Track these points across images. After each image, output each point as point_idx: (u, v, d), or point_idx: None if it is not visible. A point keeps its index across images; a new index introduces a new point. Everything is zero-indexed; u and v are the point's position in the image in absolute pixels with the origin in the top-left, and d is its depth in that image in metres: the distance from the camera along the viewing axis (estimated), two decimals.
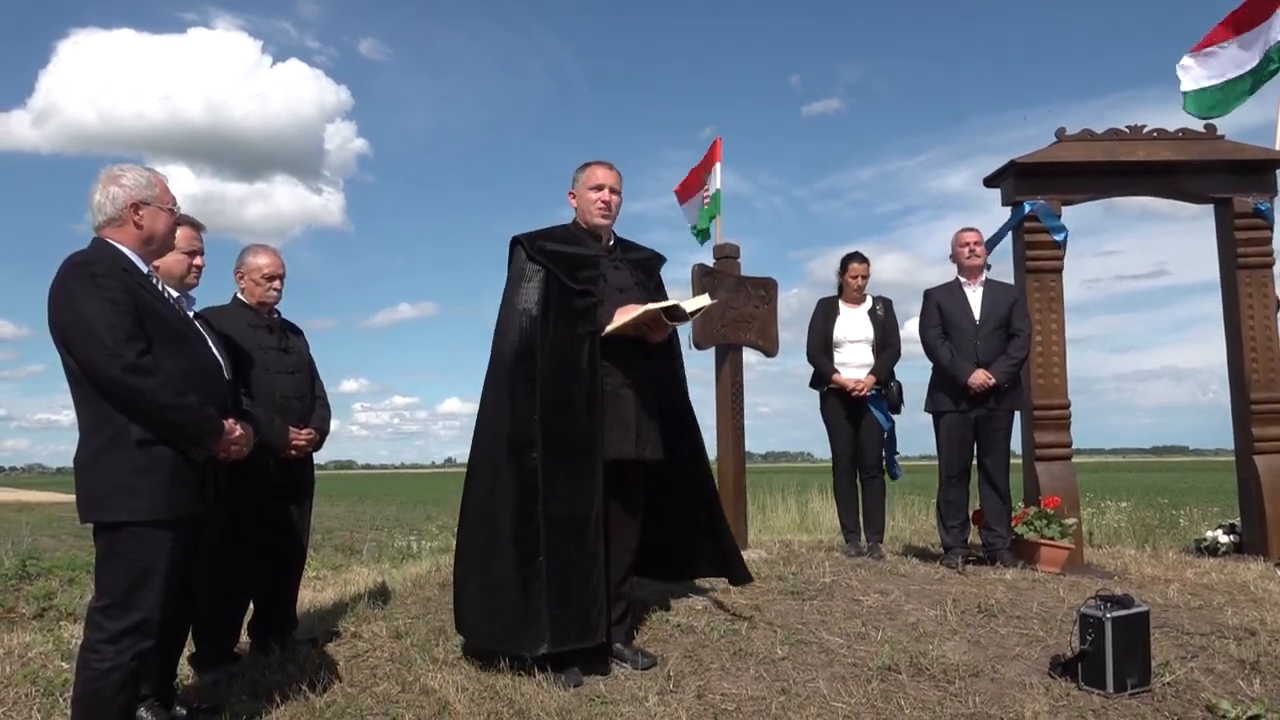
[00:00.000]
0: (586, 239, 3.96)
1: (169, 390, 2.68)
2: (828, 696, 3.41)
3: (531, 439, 3.67)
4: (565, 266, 3.82)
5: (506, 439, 3.74)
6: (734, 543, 4.42)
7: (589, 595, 3.59)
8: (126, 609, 2.68)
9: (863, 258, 6.29)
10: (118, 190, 2.86)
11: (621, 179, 3.98)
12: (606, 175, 3.92)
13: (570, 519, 3.62)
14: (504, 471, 3.72)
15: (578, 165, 4.02)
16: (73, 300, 2.68)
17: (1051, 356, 6.34)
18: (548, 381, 3.69)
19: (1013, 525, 5.92)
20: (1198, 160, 6.52)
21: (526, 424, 3.69)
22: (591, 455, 3.66)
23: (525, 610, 3.57)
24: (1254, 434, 6.50)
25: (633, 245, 4.16)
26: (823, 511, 10.45)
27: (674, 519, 4.26)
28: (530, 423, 3.68)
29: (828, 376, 6.16)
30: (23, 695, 3.59)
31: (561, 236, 3.96)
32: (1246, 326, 6.56)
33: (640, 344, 3.82)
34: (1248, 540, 6.54)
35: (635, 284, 3.95)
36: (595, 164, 3.96)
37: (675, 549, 4.37)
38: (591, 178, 3.92)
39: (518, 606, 3.59)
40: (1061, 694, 3.45)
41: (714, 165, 7.20)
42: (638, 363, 3.84)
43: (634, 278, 3.98)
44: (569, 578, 3.59)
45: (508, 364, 3.78)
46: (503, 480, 3.71)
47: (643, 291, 3.94)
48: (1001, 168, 6.57)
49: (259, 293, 4.07)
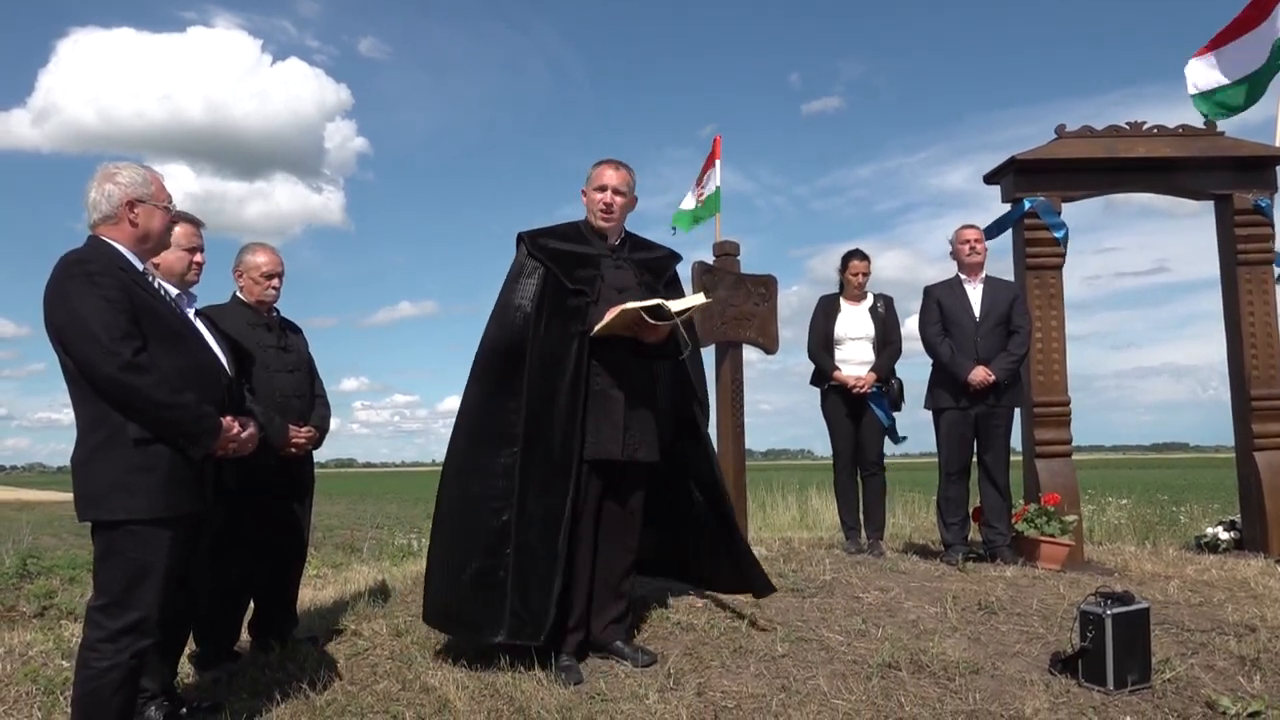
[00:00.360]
0: (591, 238, 3.95)
1: (165, 388, 2.67)
2: (828, 694, 3.41)
3: (513, 435, 3.68)
4: (564, 265, 3.82)
5: (487, 433, 3.75)
6: (751, 553, 4.33)
7: (547, 595, 3.59)
8: (125, 608, 2.68)
9: (863, 255, 6.29)
10: (113, 188, 2.85)
11: (632, 180, 3.93)
12: (612, 176, 3.89)
13: (540, 517, 3.63)
14: (482, 464, 3.74)
15: (592, 163, 3.99)
16: (68, 299, 2.67)
17: (1052, 353, 6.34)
18: (535, 379, 3.69)
19: (1013, 522, 5.91)
20: (1198, 157, 6.52)
21: (509, 420, 3.70)
22: (567, 455, 3.65)
23: (487, 598, 3.62)
24: (1254, 430, 6.51)
25: (645, 244, 4.12)
26: (823, 509, 10.45)
27: (686, 521, 4.25)
28: (513, 419, 3.69)
29: (828, 374, 6.16)
30: (23, 694, 3.59)
31: (565, 234, 3.95)
32: (1247, 323, 6.56)
33: (635, 344, 3.78)
34: (1248, 537, 6.55)
35: (638, 284, 3.92)
36: (605, 163, 3.93)
37: (688, 551, 4.36)
38: (598, 177, 3.89)
39: (480, 594, 3.64)
40: (1062, 691, 3.45)
41: (714, 163, 7.20)
42: (631, 363, 3.81)
43: (637, 278, 3.94)
44: (532, 574, 3.60)
45: (498, 358, 3.79)
46: (479, 473, 3.74)
47: (645, 291, 3.90)
48: (1002, 164, 6.57)
49: (258, 291, 4.07)
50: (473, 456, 3.79)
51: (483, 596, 3.64)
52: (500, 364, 3.77)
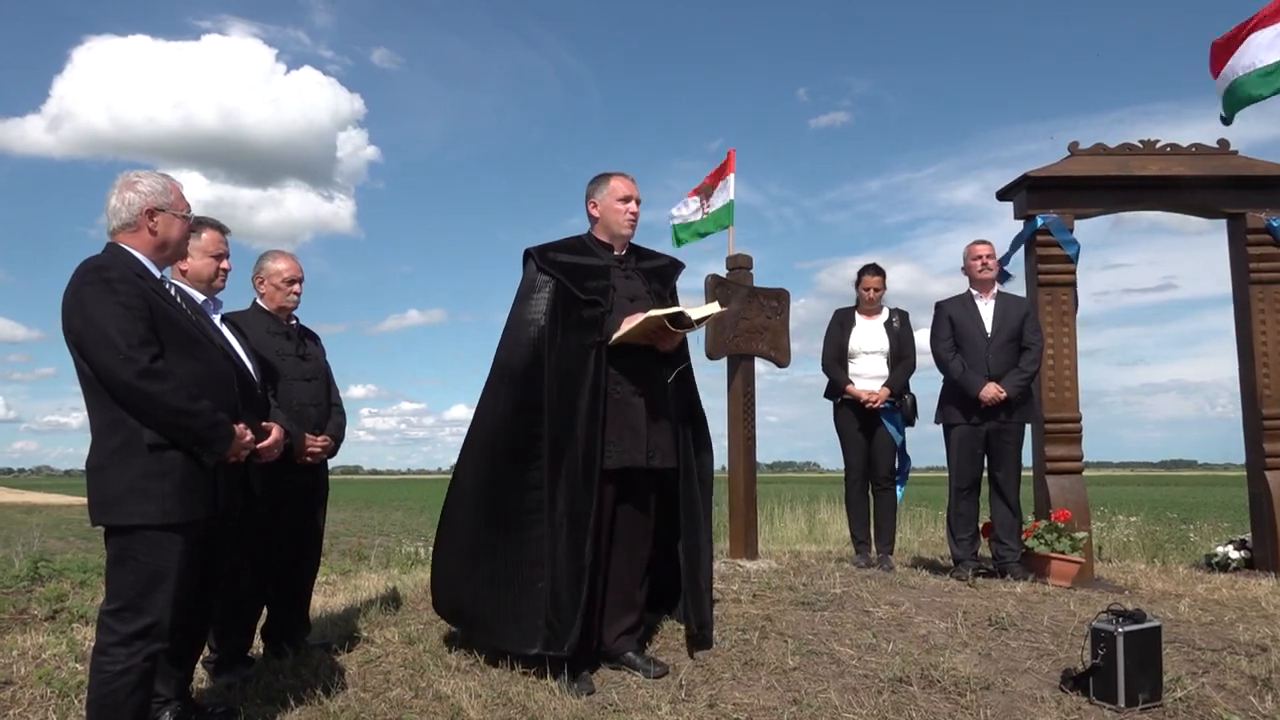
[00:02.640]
0: (599, 249, 3.98)
1: (182, 395, 2.70)
2: (839, 707, 3.42)
3: (538, 449, 3.70)
4: (575, 277, 3.84)
5: (508, 447, 3.76)
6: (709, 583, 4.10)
7: (574, 606, 3.60)
8: (138, 612, 2.70)
9: (877, 270, 6.30)
10: (133, 196, 2.88)
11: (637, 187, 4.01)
12: (632, 187, 3.95)
13: (569, 529, 3.64)
14: (510, 480, 3.74)
15: (592, 178, 4.02)
16: (86, 305, 2.70)
17: (1063, 370, 6.34)
18: (554, 391, 3.71)
19: (1023, 539, 5.91)
20: (1210, 175, 6.51)
21: (531, 434, 3.71)
22: (590, 465, 3.66)
23: (521, 611, 3.65)
24: (1265, 449, 6.49)
25: (648, 253, 4.16)
26: (831, 522, 10.43)
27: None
28: (536, 433, 3.70)
29: (842, 387, 6.17)
30: (38, 697, 3.61)
31: (572, 248, 3.97)
32: (1259, 342, 6.55)
33: (651, 351, 3.82)
34: (1259, 556, 6.52)
35: (648, 292, 3.96)
36: (617, 176, 3.97)
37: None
38: (618, 190, 3.93)
39: (514, 607, 3.67)
40: (1073, 708, 3.45)
41: (727, 176, 7.20)
42: (648, 370, 3.84)
43: (646, 286, 3.98)
44: (563, 587, 3.62)
45: (515, 373, 3.80)
46: (509, 488, 3.74)
47: (655, 300, 3.94)
48: (1014, 181, 6.59)
49: (279, 297, 4.10)
50: (498, 472, 3.79)
51: (515, 611, 3.65)
52: (518, 380, 3.79)
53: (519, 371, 3.79)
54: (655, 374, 3.87)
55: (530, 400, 3.74)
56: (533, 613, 3.63)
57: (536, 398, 3.72)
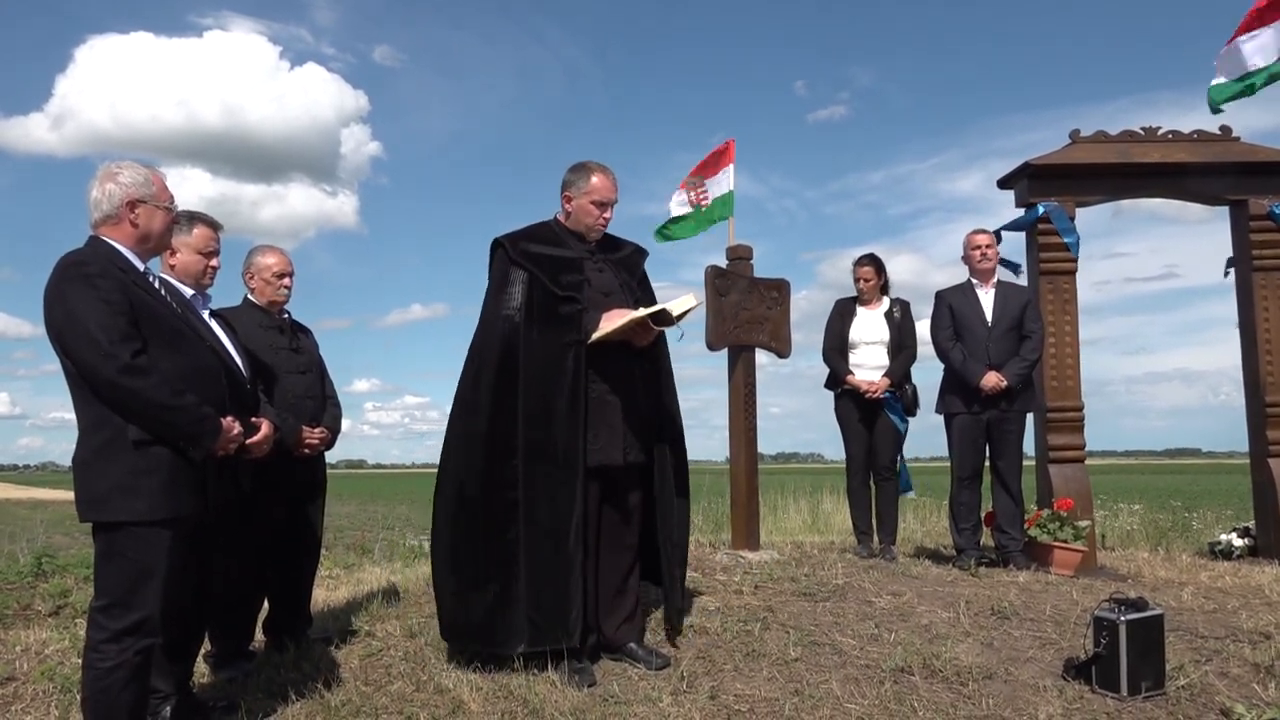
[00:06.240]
0: (569, 239, 3.90)
1: (165, 390, 2.67)
2: (841, 698, 3.41)
3: (512, 447, 3.65)
4: (549, 270, 3.77)
5: (485, 445, 3.70)
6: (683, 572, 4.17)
7: (566, 598, 3.59)
8: (127, 608, 2.68)
9: (870, 260, 6.29)
10: (114, 188, 2.83)
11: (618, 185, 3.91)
12: (611, 191, 3.86)
13: (550, 527, 3.61)
14: (482, 477, 3.70)
15: (573, 165, 3.90)
16: (67, 301, 2.66)
17: (1065, 359, 6.32)
18: (531, 388, 3.65)
19: (1025, 528, 5.90)
20: (1213, 162, 6.48)
21: (508, 431, 3.66)
22: (572, 464, 3.63)
23: (503, 611, 3.63)
24: (1269, 437, 6.47)
25: (614, 242, 4.08)
26: (834, 513, 10.43)
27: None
28: (512, 430, 3.66)
29: (842, 378, 6.16)
30: (40, 692, 3.62)
31: (544, 237, 3.89)
32: (1262, 329, 6.53)
33: (625, 347, 3.77)
34: (1262, 544, 6.50)
35: (620, 286, 3.90)
36: (598, 172, 3.86)
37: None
38: (595, 190, 3.83)
39: (496, 607, 3.65)
40: (1075, 696, 3.44)
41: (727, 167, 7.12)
42: (624, 367, 3.80)
43: (618, 279, 3.92)
44: (546, 582, 3.60)
45: (490, 369, 3.73)
46: (480, 486, 3.70)
47: (627, 293, 3.89)
48: (1015, 169, 6.56)
49: (270, 292, 4.09)
50: (472, 470, 3.73)
51: (500, 609, 3.64)
52: (492, 375, 3.72)
53: (492, 366, 3.73)
54: (629, 370, 3.82)
55: (503, 396, 3.68)
56: (514, 612, 3.62)
57: (511, 396, 3.66)
